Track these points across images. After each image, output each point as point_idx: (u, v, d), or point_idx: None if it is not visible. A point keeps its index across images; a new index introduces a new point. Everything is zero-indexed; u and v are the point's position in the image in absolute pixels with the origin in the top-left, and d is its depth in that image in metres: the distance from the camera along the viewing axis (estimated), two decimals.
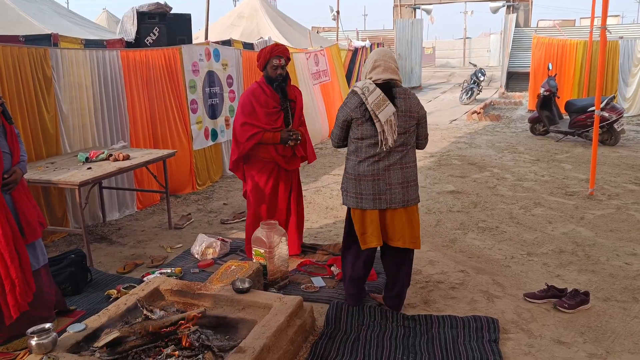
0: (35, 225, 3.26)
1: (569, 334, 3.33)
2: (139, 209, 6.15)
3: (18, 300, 3.06)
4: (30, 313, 3.18)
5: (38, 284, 3.25)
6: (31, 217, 3.23)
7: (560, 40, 13.41)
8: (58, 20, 6.78)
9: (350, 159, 3.47)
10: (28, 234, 3.19)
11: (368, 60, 3.45)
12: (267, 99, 4.19)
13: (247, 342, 2.82)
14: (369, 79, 3.37)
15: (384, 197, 3.36)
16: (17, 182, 3.16)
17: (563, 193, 6.51)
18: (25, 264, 3.12)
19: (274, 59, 4.14)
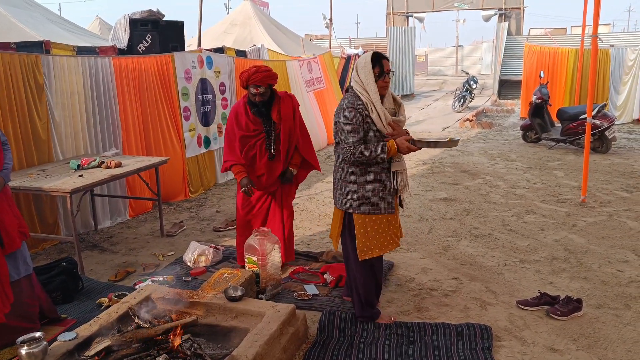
0: (15, 235, 3.19)
1: (562, 342, 3.33)
2: (131, 217, 6.12)
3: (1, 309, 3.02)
4: (10, 323, 3.14)
5: (17, 295, 3.20)
6: (11, 227, 3.17)
7: (552, 49, 13.53)
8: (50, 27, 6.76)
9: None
10: (7, 244, 3.14)
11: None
12: (248, 121, 4.09)
13: (240, 351, 2.80)
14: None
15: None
16: None
17: (555, 200, 6.54)
18: (3, 275, 3.08)
19: (251, 88, 3.98)
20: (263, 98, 4.01)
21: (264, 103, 4.05)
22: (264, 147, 4.14)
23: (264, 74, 3.95)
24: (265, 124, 4.11)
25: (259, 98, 3.99)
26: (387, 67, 3.34)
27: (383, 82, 3.32)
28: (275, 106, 4.10)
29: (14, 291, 3.18)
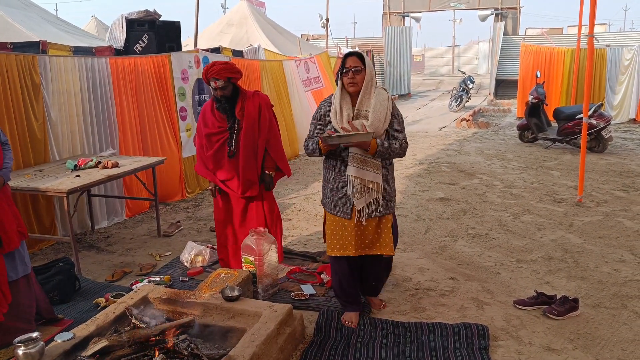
0: (13, 235, 3.19)
1: (559, 341, 3.34)
2: (128, 217, 6.11)
3: None
4: (7, 324, 3.13)
5: (15, 295, 3.20)
6: (9, 227, 3.16)
7: (548, 48, 13.57)
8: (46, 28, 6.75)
9: (392, 162, 3.54)
10: (5, 243, 3.13)
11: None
12: (213, 119, 4.07)
13: (237, 351, 2.80)
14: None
15: None
16: None
17: (552, 200, 6.55)
18: (1, 275, 3.08)
19: (211, 82, 3.93)
20: (224, 92, 3.94)
21: (227, 99, 3.99)
22: (226, 146, 4.07)
23: (221, 66, 3.90)
24: (229, 121, 4.05)
25: (219, 92, 3.94)
26: (349, 64, 3.26)
27: (347, 79, 3.28)
28: (239, 103, 4.04)
29: (12, 291, 3.18)
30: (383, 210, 3.40)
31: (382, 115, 3.27)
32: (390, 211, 3.47)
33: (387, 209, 3.43)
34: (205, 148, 4.14)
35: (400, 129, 3.39)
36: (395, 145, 3.32)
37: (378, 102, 3.28)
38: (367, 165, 3.31)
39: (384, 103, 3.29)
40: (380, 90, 3.34)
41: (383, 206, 3.39)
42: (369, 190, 3.34)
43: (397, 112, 3.40)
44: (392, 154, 3.31)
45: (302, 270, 4.43)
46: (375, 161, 3.31)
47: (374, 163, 3.31)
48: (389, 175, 3.44)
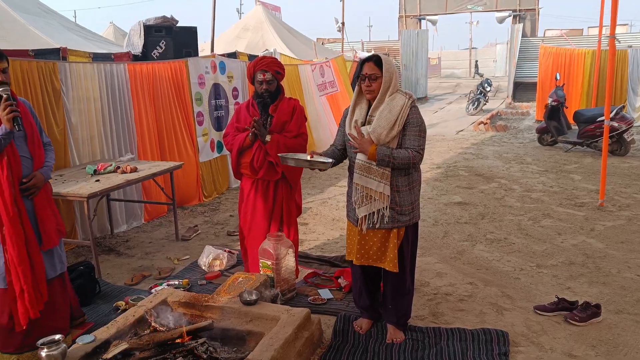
0: (53, 233, 3.24)
1: (580, 348, 3.28)
2: (147, 221, 6.17)
3: (27, 308, 3.06)
4: (44, 323, 3.18)
5: (51, 293, 3.24)
6: (49, 224, 3.22)
7: (568, 50, 13.42)
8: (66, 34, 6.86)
9: (413, 172, 3.29)
10: (45, 241, 3.19)
11: (396, 69, 3.31)
12: (247, 115, 4.00)
13: (255, 355, 2.80)
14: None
15: None
16: (37, 187, 3.15)
17: (572, 204, 6.46)
18: (39, 272, 3.13)
19: (258, 74, 3.86)
20: (269, 87, 3.87)
21: (271, 94, 3.91)
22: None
23: (270, 59, 3.90)
24: (262, 117, 3.96)
25: (265, 86, 3.86)
26: (365, 70, 3.16)
27: (364, 86, 3.20)
28: (277, 101, 3.98)
29: (49, 290, 3.22)
30: (390, 222, 3.21)
31: (388, 122, 3.10)
32: (401, 225, 3.24)
33: (395, 222, 3.21)
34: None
35: (413, 138, 3.14)
36: (402, 154, 3.11)
37: (387, 109, 3.13)
38: (371, 173, 3.19)
39: (395, 109, 3.11)
40: (397, 95, 3.16)
41: (390, 218, 3.20)
42: (372, 200, 3.21)
43: (416, 119, 3.16)
44: (395, 163, 3.10)
45: (320, 274, 4.42)
46: (381, 169, 3.15)
47: (379, 171, 3.15)
48: (403, 186, 3.21)
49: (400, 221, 3.24)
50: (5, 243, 3.01)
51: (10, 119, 2.92)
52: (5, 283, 3.07)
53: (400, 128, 3.14)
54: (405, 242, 3.31)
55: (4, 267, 3.05)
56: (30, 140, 3.17)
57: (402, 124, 3.13)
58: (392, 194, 3.20)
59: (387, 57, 3.23)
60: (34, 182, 3.13)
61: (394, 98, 3.16)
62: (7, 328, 3.14)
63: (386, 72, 3.14)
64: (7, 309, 3.11)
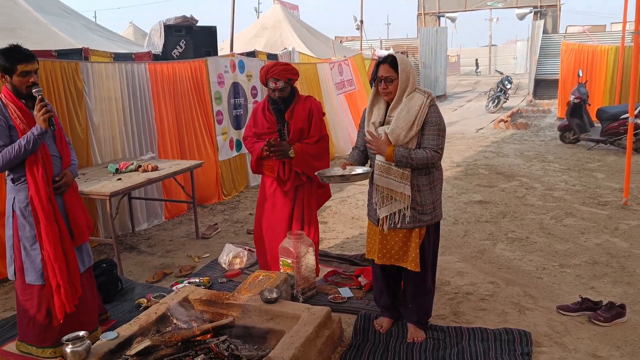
0: (84, 228, 3.34)
1: (605, 348, 3.23)
2: (167, 219, 6.22)
3: (64, 302, 3.15)
4: (77, 316, 3.27)
5: (82, 288, 3.32)
6: (80, 220, 3.32)
7: (591, 46, 13.20)
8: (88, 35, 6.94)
9: (434, 171, 3.24)
10: (77, 236, 3.28)
11: (413, 68, 3.22)
12: (263, 119, 3.98)
13: (276, 352, 2.81)
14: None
15: None
16: (68, 184, 3.24)
17: (596, 203, 6.36)
18: (73, 268, 3.21)
19: (270, 82, 3.82)
20: (282, 94, 3.84)
21: (284, 100, 3.88)
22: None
23: (282, 67, 3.84)
24: (278, 123, 3.96)
25: (278, 93, 3.84)
26: (381, 73, 3.13)
27: (381, 88, 3.17)
28: (292, 105, 3.94)
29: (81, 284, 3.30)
30: (411, 222, 3.18)
31: (406, 123, 3.06)
32: (422, 224, 3.21)
33: (416, 221, 3.19)
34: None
35: (431, 137, 3.10)
36: (419, 155, 3.07)
37: (405, 109, 3.08)
38: (390, 173, 3.17)
39: (413, 109, 3.07)
40: (415, 94, 3.11)
41: (412, 218, 3.17)
42: (392, 200, 3.19)
43: (435, 118, 3.10)
44: (413, 163, 3.07)
45: (340, 273, 4.41)
46: (400, 170, 3.12)
47: (398, 171, 3.13)
48: (424, 185, 3.18)
49: (422, 220, 3.21)
50: (43, 240, 3.10)
51: (45, 119, 3.02)
52: (42, 279, 3.16)
53: (419, 128, 3.10)
54: (427, 241, 3.28)
55: (41, 264, 3.14)
56: (58, 140, 3.27)
57: (420, 123, 3.09)
58: (413, 194, 3.17)
59: (403, 57, 3.18)
60: (65, 180, 3.22)
61: (412, 98, 3.11)
62: (44, 324, 3.23)
63: (402, 72, 3.09)
64: (45, 304, 3.20)
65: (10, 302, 4.08)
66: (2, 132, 3.00)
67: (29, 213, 3.12)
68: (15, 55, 3.00)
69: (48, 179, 3.12)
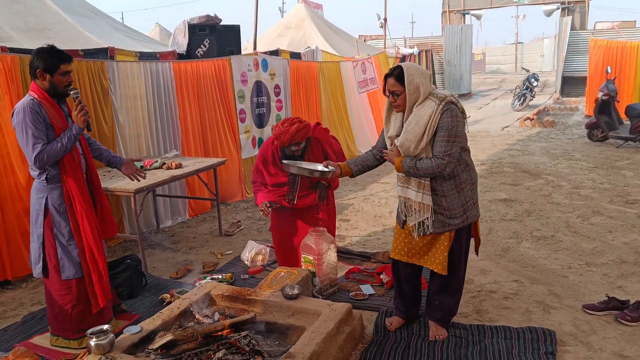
0: (113, 223, 3.50)
1: (632, 348, 3.16)
2: (191, 217, 6.29)
3: (105, 290, 3.31)
4: (107, 304, 3.40)
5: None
6: (108, 216, 3.47)
7: (620, 42, 12.90)
8: (114, 35, 7.05)
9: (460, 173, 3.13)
10: (110, 230, 3.46)
11: (425, 75, 3.07)
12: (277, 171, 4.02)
13: (297, 348, 2.82)
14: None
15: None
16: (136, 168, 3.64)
17: (624, 201, 6.22)
18: (103, 262, 3.33)
19: (293, 146, 3.82)
20: (300, 147, 3.88)
21: (302, 151, 3.91)
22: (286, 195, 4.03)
23: (303, 130, 3.79)
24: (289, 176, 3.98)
25: (298, 152, 3.89)
26: (388, 87, 3.07)
27: (390, 101, 3.13)
28: (307, 153, 3.95)
29: None
30: (440, 227, 3.11)
31: (414, 135, 2.98)
32: (452, 228, 3.12)
33: (445, 226, 3.11)
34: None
35: (439, 144, 2.96)
36: (425, 165, 2.98)
37: (414, 120, 2.99)
38: (409, 183, 3.14)
39: (422, 120, 2.96)
40: (426, 102, 2.99)
41: (440, 223, 3.11)
42: (414, 210, 3.14)
43: (446, 123, 2.94)
44: (420, 174, 3.02)
45: (361, 270, 4.41)
46: (417, 179, 3.08)
47: (416, 181, 3.09)
48: (450, 190, 3.08)
49: (452, 224, 3.13)
50: (85, 233, 3.22)
51: (85, 120, 3.16)
52: (81, 272, 3.28)
53: (431, 137, 2.99)
54: (456, 245, 3.20)
55: (79, 257, 3.25)
56: (83, 139, 3.37)
57: (431, 132, 2.97)
58: (438, 199, 3.10)
59: (412, 68, 3.04)
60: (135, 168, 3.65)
61: (422, 107, 3.00)
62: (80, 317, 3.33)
63: (409, 84, 2.98)
64: (84, 297, 3.31)
65: (38, 297, 4.17)
66: (42, 130, 3.07)
67: (64, 210, 3.21)
68: (58, 55, 3.11)
69: (82, 175, 3.25)
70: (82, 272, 3.27)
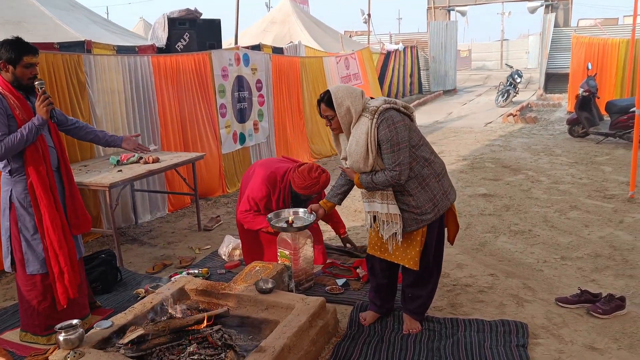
0: (85, 218, 3.42)
1: (602, 340, 3.19)
2: (170, 212, 6.25)
3: (67, 288, 3.22)
4: (77, 302, 3.35)
5: (80, 274, 3.38)
6: (81, 210, 3.40)
7: (602, 40, 13.02)
8: (93, 28, 6.97)
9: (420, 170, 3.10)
10: (78, 225, 3.36)
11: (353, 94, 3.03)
12: (276, 206, 4.08)
13: (268, 342, 2.81)
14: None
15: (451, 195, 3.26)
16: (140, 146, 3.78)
17: (601, 196, 6.28)
18: (73, 255, 3.27)
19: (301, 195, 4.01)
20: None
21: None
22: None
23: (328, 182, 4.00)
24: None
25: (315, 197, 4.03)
26: (321, 112, 3.10)
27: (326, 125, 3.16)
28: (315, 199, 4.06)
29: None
30: (413, 225, 3.11)
31: (358, 154, 2.98)
32: (425, 224, 3.12)
33: (418, 223, 3.10)
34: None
35: (386, 157, 2.96)
36: (380, 179, 2.98)
37: (353, 141, 3.00)
38: (374, 197, 3.14)
39: (361, 139, 2.95)
40: (361, 120, 2.98)
41: (411, 221, 3.10)
42: (384, 222, 3.15)
43: (384, 135, 2.92)
44: (378, 187, 3.03)
45: (338, 264, 4.41)
46: (379, 191, 3.09)
47: (378, 193, 3.10)
48: (414, 188, 3.07)
49: (424, 220, 3.12)
50: (46, 228, 3.15)
51: (48, 110, 3.10)
52: (45, 268, 3.22)
53: (376, 151, 2.97)
54: (428, 237, 3.20)
55: (43, 253, 3.19)
56: (54, 132, 3.32)
57: (374, 147, 2.95)
58: (405, 199, 3.09)
59: (338, 91, 3.02)
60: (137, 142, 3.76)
61: (358, 125, 2.99)
62: (48, 313, 3.28)
63: (338, 107, 2.99)
64: (50, 293, 3.26)
65: (11, 292, 4.13)
66: (2, 122, 3.03)
67: (29, 203, 3.16)
68: (22, 47, 3.06)
69: (48, 168, 3.18)
70: (45, 268, 3.22)
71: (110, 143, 3.66)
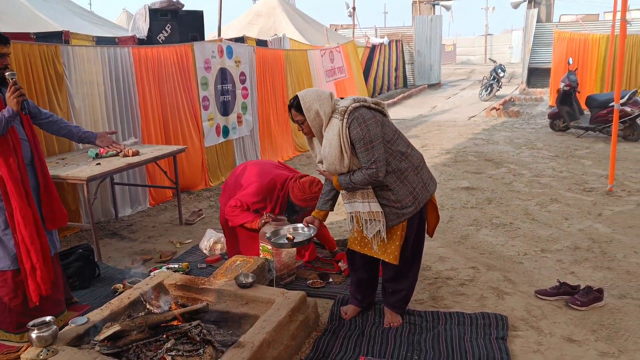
0: (60, 213, 3.35)
1: (580, 332, 3.22)
2: (152, 206, 6.18)
3: (39, 285, 3.14)
4: (52, 298, 3.27)
5: (55, 270, 3.31)
6: (56, 205, 3.32)
7: (582, 35, 13.15)
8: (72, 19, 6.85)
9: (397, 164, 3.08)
10: (52, 220, 3.28)
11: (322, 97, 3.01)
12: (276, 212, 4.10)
13: (247, 337, 2.79)
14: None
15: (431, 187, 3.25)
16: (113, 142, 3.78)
17: (581, 189, 6.34)
18: (47, 251, 3.19)
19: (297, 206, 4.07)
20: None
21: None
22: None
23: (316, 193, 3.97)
24: (286, 214, 4.16)
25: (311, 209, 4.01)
26: (293, 117, 3.09)
27: (299, 129, 3.16)
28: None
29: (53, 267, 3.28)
30: (395, 219, 3.09)
31: (333, 156, 2.95)
32: (406, 217, 3.09)
33: (399, 217, 3.08)
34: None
35: (363, 154, 2.93)
36: (358, 178, 2.96)
37: (327, 144, 2.97)
38: (354, 197, 3.12)
39: (334, 141, 2.92)
40: (332, 122, 2.95)
41: (392, 215, 3.08)
42: (366, 221, 3.13)
43: (357, 134, 2.90)
44: (357, 186, 3.00)
45: (320, 258, 4.39)
46: (359, 190, 3.07)
47: (359, 192, 3.07)
48: (393, 182, 3.04)
49: (406, 214, 3.10)
50: (17, 223, 3.07)
51: (19, 101, 3.02)
52: (17, 264, 3.15)
53: (350, 151, 2.95)
54: (408, 231, 3.19)
55: (15, 248, 3.11)
56: (27, 125, 3.24)
57: (348, 147, 2.93)
58: (385, 194, 3.07)
59: (306, 95, 3.01)
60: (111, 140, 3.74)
61: (330, 128, 2.97)
62: (21, 310, 3.21)
63: (307, 112, 2.97)
64: (22, 289, 3.19)
65: None
66: None
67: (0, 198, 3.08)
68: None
69: (19, 162, 3.09)
70: (17, 264, 3.14)
71: (84, 139, 3.58)
